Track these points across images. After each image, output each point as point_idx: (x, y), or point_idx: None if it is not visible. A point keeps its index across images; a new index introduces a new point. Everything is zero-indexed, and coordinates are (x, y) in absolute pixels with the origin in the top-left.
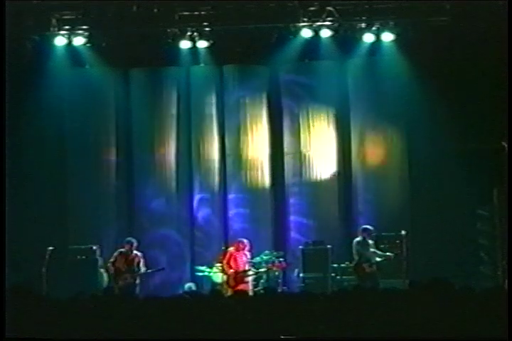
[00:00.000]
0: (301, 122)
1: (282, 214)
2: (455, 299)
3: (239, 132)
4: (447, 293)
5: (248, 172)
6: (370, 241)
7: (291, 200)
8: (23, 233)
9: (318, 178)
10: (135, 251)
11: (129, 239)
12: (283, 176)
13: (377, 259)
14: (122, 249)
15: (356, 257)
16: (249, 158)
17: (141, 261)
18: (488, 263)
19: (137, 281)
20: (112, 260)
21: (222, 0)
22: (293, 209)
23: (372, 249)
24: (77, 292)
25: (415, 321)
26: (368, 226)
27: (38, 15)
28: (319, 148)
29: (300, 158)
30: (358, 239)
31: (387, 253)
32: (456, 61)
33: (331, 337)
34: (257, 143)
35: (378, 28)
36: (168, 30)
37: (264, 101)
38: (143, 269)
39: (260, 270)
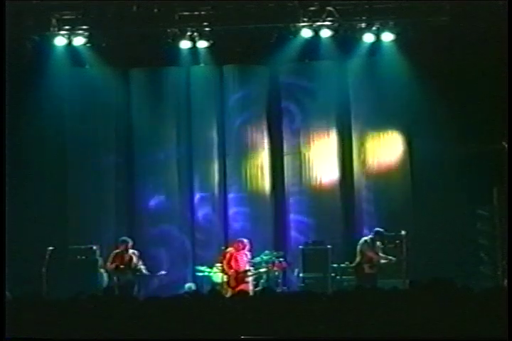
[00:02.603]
0: (301, 122)
1: (282, 215)
2: (455, 299)
3: (239, 132)
4: (447, 293)
5: (248, 172)
6: (378, 243)
7: (291, 200)
8: (23, 233)
9: (319, 178)
10: (131, 250)
11: (123, 238)
12: (283, 176)
13: (381, 261)
14: (117, 250)
15: (358, 257)
16: (249, 157)
17: (139, 259)
18: (488, 263)
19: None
20: (109, 262)
21: (222, 0)
22: (293, 210)
23: (376, 251)
24: (77, 292)
25: (415, 321)
26: (380, 229)
27: (38, 15)
28: (319, 148)
29: (300, 158)
30: (365, 238)
31: (389, 257)
32: (456, 61)
33: (331, 337)
34: (257, 143)
35: (378, 28)
36: (168, 30)
37: (264, 101)
38: (143, 267)
39: (260, 270)
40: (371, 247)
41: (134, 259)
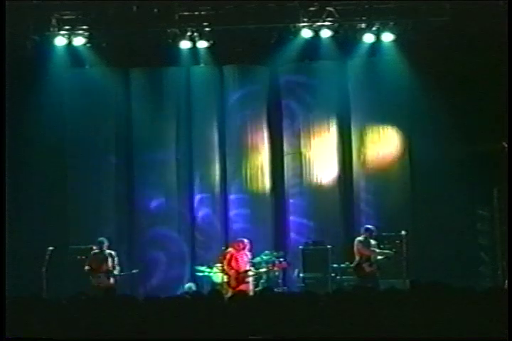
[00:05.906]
0: (301, 122)
1: (282, 215)
2: (455, 299)
3: (239, 132)
4: (447, 292)
5: (248, 172)
6: (372, 241)
7: (292, 201)
8: (23, 233)
9: (319, 178)
10: (108, 251)
11: (100, 239)
12: (283, 176)
13: (378, 257)
14: (95, 250)
15: (357, 257)
16: (249, 158)
17: (115, 259)
18: (488, 263)
19: (111, 281)
20: (87, 263)
21: (222, 0)
22: (293, 210)
23: (372, 248)
24: (77, 292)
25: (415, 321)
26: (369, 226)
27: (38, 15)
28: (319, 148)
29: (300, 158)
30: (359, 238)
31: (387, 251)
32: (456, 61)
33: (330, 337)
34: (257, 143)
35: (378, 28)
36: (168, 30)
37: (264, 101)
38: (117, 268)
39: (261, 270)
40: (366, 245)
41: (109, 261)
